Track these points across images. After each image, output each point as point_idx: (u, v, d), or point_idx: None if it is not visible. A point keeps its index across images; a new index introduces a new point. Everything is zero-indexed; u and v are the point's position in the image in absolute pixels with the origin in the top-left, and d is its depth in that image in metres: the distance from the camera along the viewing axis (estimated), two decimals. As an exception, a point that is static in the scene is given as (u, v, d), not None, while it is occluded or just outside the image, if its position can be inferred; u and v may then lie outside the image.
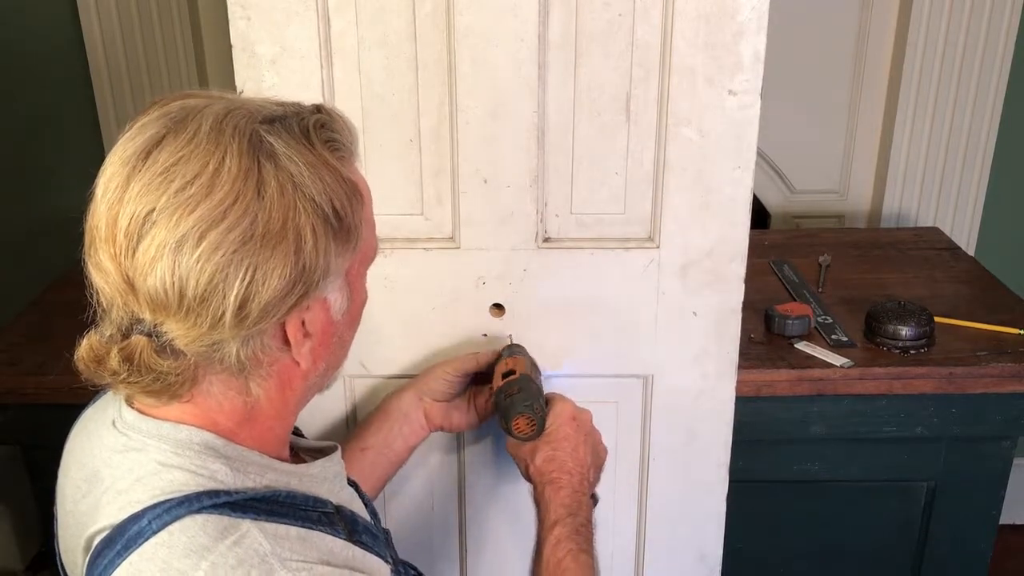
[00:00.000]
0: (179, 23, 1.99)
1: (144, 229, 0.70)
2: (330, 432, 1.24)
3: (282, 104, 0.78)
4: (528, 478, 1.06)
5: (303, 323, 0.77)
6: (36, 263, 1.89)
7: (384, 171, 1.14)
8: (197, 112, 0.73)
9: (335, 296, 0.79)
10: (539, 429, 1.06)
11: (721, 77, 1.08)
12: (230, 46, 1.08)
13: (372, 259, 0.86)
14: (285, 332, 0.76)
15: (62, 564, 0.85)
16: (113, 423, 0.80)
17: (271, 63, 1.08)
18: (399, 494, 1.28)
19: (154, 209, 0.69)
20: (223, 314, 0.70)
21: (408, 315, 1.19)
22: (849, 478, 1.52)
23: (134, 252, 0.70)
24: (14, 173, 2.06)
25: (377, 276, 1.17)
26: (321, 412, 1.23)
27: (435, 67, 1.09)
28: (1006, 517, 1.70)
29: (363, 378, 1.23)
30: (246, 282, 0.70)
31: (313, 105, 0.79)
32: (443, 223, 1.16)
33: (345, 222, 0.75)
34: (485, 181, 1.13)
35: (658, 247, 1.16)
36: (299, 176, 0.72)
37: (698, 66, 1.08)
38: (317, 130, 0.75)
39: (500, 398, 1.07)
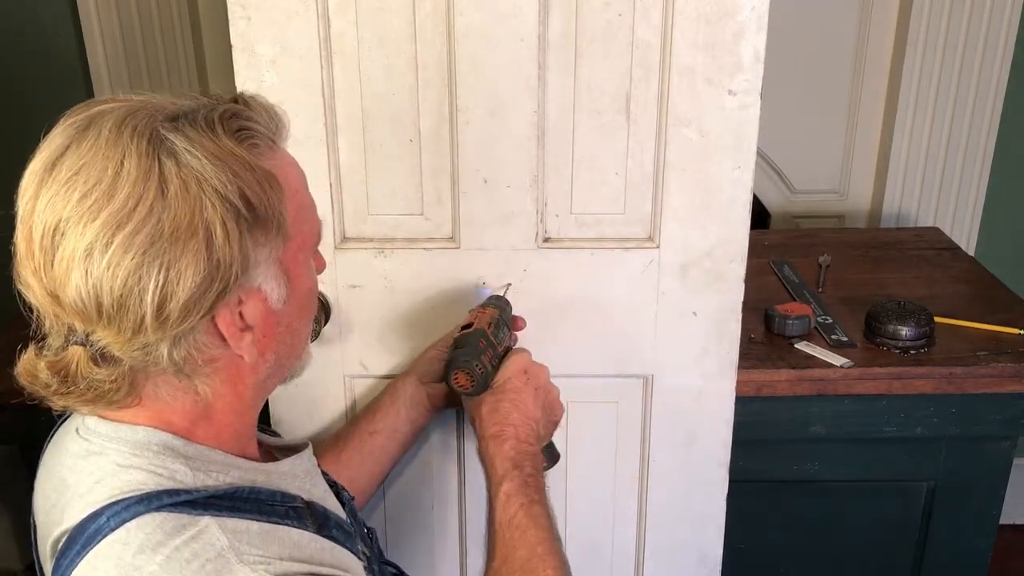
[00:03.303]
0: (179, 23, 1.99)
1: (56, 241, 0.70)
2: (330, 432, 1.24)
3: (197, 98, 0.77)
4: (476, 433, 1.04)
5: (241, 315, 0.76)
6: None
7: (384, 171, 1.14)
8: (100, 117, 0.72)
9: (271, 286, 0.78)
10: (480, 386, 1.04)
11: (721, 77, 1.08)
12: (230, 46, 1.08)
13: (313, 244, 0.84)
14: (219, 328, 0.75)
15: (42, 573, 0.85)
16: (76, 430, 0.80)
17: (271, 63, 1.08)
18: (399, 494, 1.28)
19: (61, 219, 0.69)
20: (144, 317, 0.70)
21: (408, 315, 1.19)
22: (849, 478, 1.52)
23: (52, 265, 0.70)
24: (14, 172, 2.06)
25: (377, 276, 1.18)
26: (321, 412, 1.23)
27: (435, 67, 1.09)
28: (1006, 517, 1.70)
29: (363, 378, 1.23)
30: (160, 283, 0.69)
31: (231, 95, 0.78)
32: (443, 223, 1.16)
33: (260, 211, 0.73)
34: (485, 181, 1.13)
35: (658, 247, 1.16)
36: (202, 170, 0.71)
37: (698, 66, 1.08)
38: (225, 121, 0.74)
39: (450, 349, 1.06)
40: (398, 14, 1.07)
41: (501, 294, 1.16)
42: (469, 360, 1.03)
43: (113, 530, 0.72)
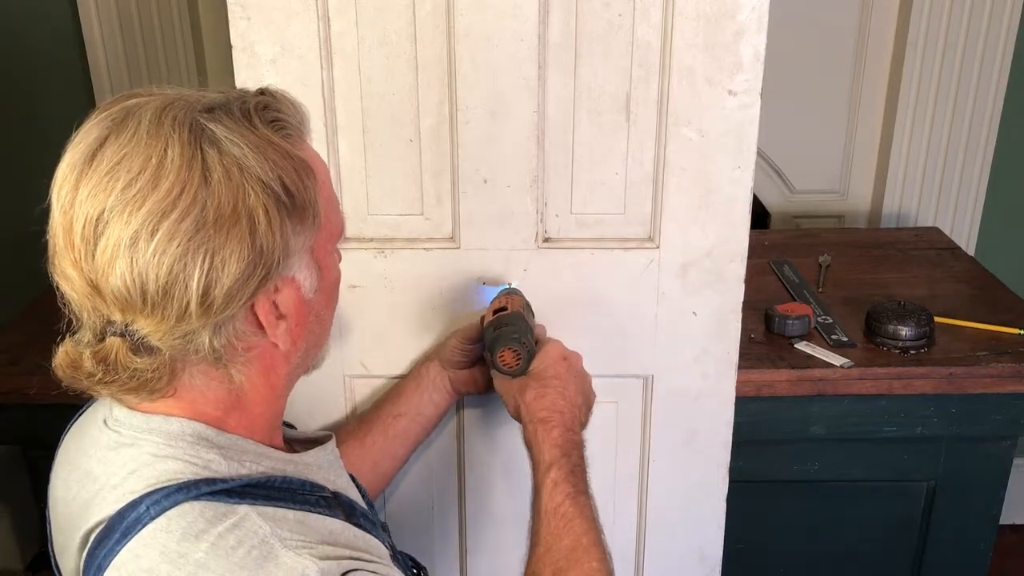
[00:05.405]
0: (179, 23, 2.00)
1: (98, 231, 0.70)
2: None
3: (225, 92, 0.78)
4: (517, 417, 1.04)
5: (275, 304, 0.78)
6: (37, 262, 1.89)
7: (384, 171, 1.14)
8: (137, 109, 0.73)
9: (304, 275, 0.79)
10: (525, 364, 1.04)
11: (721, 77, 1.08)
12: (230, 46, 1.08)
13: (339, 235, 0.86)
14: (257, 316, 0.77)
15: (57, 567, 0.85)
16: (104, 421, 0.80)
17: (271, 63, 1.08)
18: (399, 494, 1.28)
19: (104, 209, 0.70)
20: (188, 304, 0.71)
21: (408, 315, 1.19)
22: (849, 478, 1.52)
23: (93, 255, 0.71)
24: (14, 172, 2.06)
25: (377, 276, 1.18)
26: (321, 413, 1.23)
27: (435, 67, 1.09)
28: (1006, 517, 1.70)
29: (363, 378, 1.23)
30: (205, 269, 0.70)
31: (258, 89, 0.79)
32: (443, 223, 1.16)
33: (298, 199, 0.75)
34: (485, 181, 1.13)
35: (658, 247, 1.16)
36: (244, 158, 0.72)
37: (698, 66, 1.08)
38: (259, 112, 0.75)
39: (488, 331, 1.06)
40: (398, 14, 1.07)
41: (515, 285, 1.17)
42: (517, 338, 1.03)
43: (154, 518, 0.72)
